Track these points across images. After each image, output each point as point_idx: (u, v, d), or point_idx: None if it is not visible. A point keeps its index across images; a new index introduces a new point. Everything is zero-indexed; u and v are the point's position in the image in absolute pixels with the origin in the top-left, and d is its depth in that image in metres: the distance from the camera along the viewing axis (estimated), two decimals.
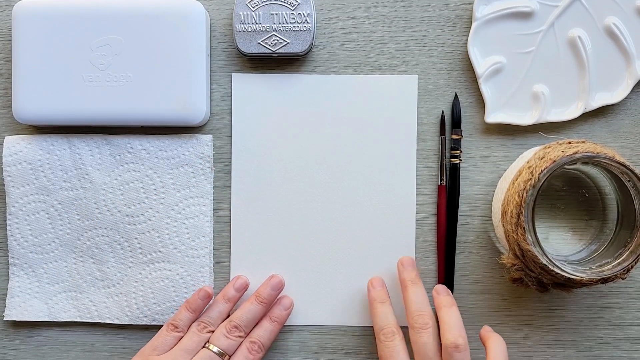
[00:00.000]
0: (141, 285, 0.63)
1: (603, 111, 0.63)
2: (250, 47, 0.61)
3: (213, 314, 0.60)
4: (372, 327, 0.63)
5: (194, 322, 0.60)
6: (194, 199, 0.63)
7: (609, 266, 0.56)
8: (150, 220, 0.63)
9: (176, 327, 0.59)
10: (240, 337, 0.59)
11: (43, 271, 0.63)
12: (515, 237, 0.55)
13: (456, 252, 0.63)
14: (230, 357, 0.59)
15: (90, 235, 0.63)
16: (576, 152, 0.54)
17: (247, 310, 0.60)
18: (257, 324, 0.61)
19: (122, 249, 0.63)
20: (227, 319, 0.60)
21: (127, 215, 0.63)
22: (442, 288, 0.60)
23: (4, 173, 0.62)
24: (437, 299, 0.59)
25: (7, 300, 0.63)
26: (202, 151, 0.63)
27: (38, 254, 0.63)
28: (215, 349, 0.58)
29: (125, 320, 0.63)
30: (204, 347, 0.59)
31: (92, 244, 0.63)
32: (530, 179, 0.54)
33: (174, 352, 0.58)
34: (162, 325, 0.61)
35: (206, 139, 0.63)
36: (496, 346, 0.56)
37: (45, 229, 0.63)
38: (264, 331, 0.60)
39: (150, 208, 0.63)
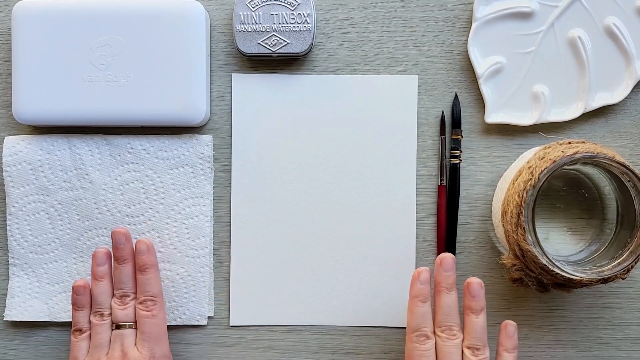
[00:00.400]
0: None
1: (603, 111, 0.63)
2: (250, 47, 0.61)
3: (100, 299, 0.59)
4: (374, 327, 0.63)
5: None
6: (194, 199, 0.63)
7: (609, 266, 0.56)
8: (150, 220, 0.63)
9: (80, 330, 0.59)
10: (133, 300, 0.59)
11: (43, 271, 0.63)
12: (515, 237, 0.55)
13: (456, 252, 0.63)
14: (135, 322, 0.59)
15: (90, 236, 0.63)
16: (576, 153, 0.54)
17: (119, 274, 0.59)
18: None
19: None
20: (114, 294, 0.60)
21: (127, 216, 0.63)
22: (475, 288, 0.57)
23: (4, 173, 0.62)
24: (468, 300, 0.57)
25: (7, 301, 0.63)
26: (202, 151, 0.63)
27: (38, 254, 0.63)
28: (121, 325, 0.59)
29: None
30: (113, 330, 0.59)
31: (92, 244, 0.63)
32: (530, 179, 0.54)
33: (91, 353, 0.58)
34: None
35: (206, 139, 0.63)
36: None
37: (45, 229, 0.63)
38: (143, 285, 0.59)
39: (150, 208, 0.63)
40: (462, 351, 0.56)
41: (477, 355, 0.56)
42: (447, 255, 0.57)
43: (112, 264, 0.60)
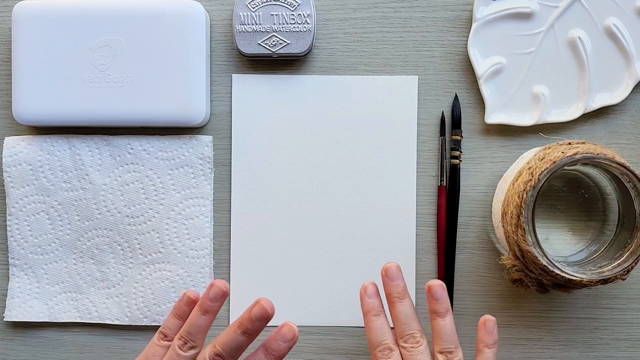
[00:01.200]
0: (141, 286, 0.63)
1: (603, 112, 0.63)
2: (250, 47, 0.61)
3: (192, 329, 0.56)
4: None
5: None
6: (194, 199, 0.63)
7: (609, 267, 0.56)
8: (150, 220, 0.63)
9: (166, 336, 0.57)
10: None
11: (43, 272, 0.63)
12: (515, 238, 0.55)
13: (456, 252, 0.63)
14: None
15: (90, 236, 0.63)
16: (576, 153, 0.54)
17: (230, 339, 0.55)
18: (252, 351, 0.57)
19: (122, 249, 0.63)
20: (212, 343, 0.56)
21: (127, 216, 0.63)
22: (437, 291, 0.56)
23: (4, 174, 0.62)
24: (432, 304, 0.56)
25: (7, 301, 0.63)
26: (202, 152, 0.63)
27: (38, 254, 0.63)
28: None
29: (125, 321, 0.63)
30: None
31: (92, 245, 0.63)
32: (530, 179, 0.54)
33: None
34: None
35: (206, 139, 0.63)
36: None
37: (45, 229, 0.63)
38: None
39: (150, 209, 0.63)
40: (435, 356, 0.55)
41: (451, 358, 0.55)
42: (390, 265, 0.57)
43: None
